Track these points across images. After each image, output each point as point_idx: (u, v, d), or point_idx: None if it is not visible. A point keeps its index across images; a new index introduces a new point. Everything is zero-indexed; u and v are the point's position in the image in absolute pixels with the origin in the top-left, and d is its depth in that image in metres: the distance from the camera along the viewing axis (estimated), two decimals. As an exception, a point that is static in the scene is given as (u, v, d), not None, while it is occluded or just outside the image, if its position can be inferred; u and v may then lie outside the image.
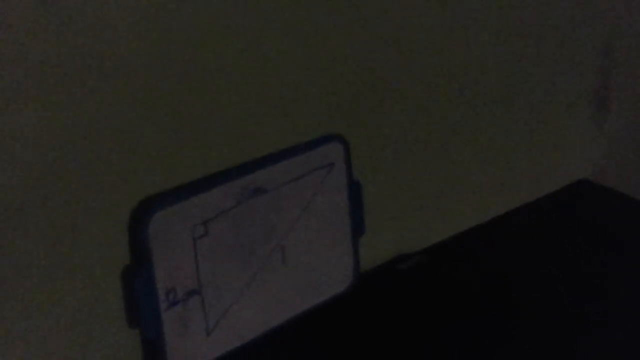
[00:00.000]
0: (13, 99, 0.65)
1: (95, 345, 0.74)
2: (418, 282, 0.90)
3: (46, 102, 0.66)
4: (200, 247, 0.75)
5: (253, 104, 0.78)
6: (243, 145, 0.78)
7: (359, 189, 0.86)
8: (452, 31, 0.90)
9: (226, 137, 0.77)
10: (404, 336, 0.82)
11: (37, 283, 0.70)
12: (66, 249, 0.71)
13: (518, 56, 0.97)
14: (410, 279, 0.90)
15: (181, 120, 0.74)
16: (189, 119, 0.75)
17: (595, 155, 1.10)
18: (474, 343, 0.80)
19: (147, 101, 0.72)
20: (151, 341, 0.74)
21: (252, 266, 0.79)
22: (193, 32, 0.72)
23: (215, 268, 0.76)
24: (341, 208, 0.85)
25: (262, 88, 0.78)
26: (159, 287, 0.73)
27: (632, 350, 0.78)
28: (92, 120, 0.69)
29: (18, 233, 0.68)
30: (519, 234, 0.98)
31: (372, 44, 0.84)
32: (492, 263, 0.93)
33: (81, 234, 0.71)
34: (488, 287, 0.89)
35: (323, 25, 0.80)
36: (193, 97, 0.74)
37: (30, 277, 0.69)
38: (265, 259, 0.80)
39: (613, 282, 0.88)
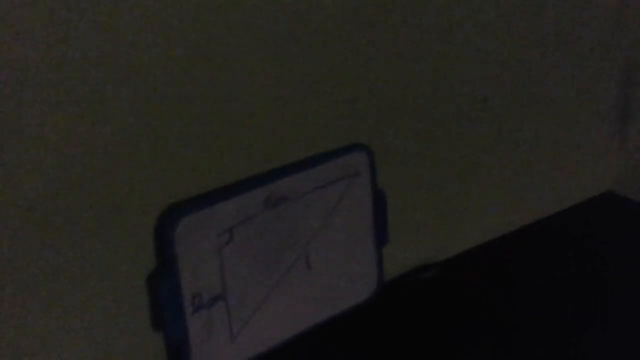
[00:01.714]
0: (44, 102, 0.66)
1: (121, 347, 0.75)
2: (439, 293, 0.90)
3: (76, 106, 0.67)
4: (226, 253, 0.76)
5: (280, 112, 0.79)
6: (269, 153, 0.79)
7: (384, 198, 0.86)
8: (476, 43, 0.90)
9: (252, 145, 0.78)
10: (424, 346, 0.82)
11: (64, 286, 0.71)
12: (94, 253, 0.71)
13: (542, 68, 0.97)
14: (432, 289, 0.90)
15: (208, 128, 0.75)
16: (216, 127, 0.75)
17: (619, 167, 1.10)
18: (493, 354, 0.80)
19: (176, 109, 0.72)
20: (176, 345, 0.75)
21: (276, 273, 0.80)
22: (222, 42, 0.73)
23: (240, 274, 0.77)
24: (365, 217, 0.85)
25: (289, 97, 0.79)
26: (184, 291, 0.73)
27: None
28: (122, 127, 0.70)
29: (47, 236, 0.69)
30: (543, 246, 0.98)
31: (398, 55, 0.85)
32: (514, 275, 0.93)
33: (109, 238, 0.72)
34: (509, 299, 0.88)
35: (350, 36, 0.81)
36: (221, 106, 0.75)
37: (57, 280, 0.70)
38: (289, 266, 0.81)
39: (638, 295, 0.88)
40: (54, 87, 0.66)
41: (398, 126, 0.87)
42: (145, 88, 0.70)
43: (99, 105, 0.68)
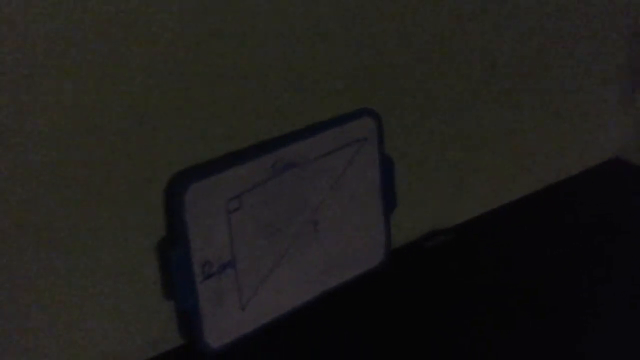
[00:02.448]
0: (57, 67, 0.65)
1: (132, 315, 0.75)
2: (447, 259, 0.90)
3: (86, 72, 0.67)
4: (234, 220, 0.75)
5: (287, 78, 0.78)
6: (277, 120, 0.79)
7: (391, 164, 0.86)
8: (484, 9, 0.90)
9: (261, 112, 0.78)
10: (432, 313, 0.82)
11: (75, 254, 0.71)
12: (104, 222, 0.71)
13: (550, 34, 0.97)
14: (439, 256, 0.90)
15: (217, 95, 0.74)
16: (225, 94, 0.75)
17: (626, 134, 1.10)
18: (500, 320, 0.80)
19: (185, 76, 0.72)
20: (187, 313, 0.75)
21: (284, 240, 0.80)
22: (230, 7, 0.73)
23: (248, 241, 0.77)
24: (373, 183, 0.85)
25: (296, 63, 0.78)
26: (194, 259, 0.73)
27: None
28: (132, 93, 0.70)
29: (57, 205, 0.69)
30: (551, 213, 0.98)
31: (407, 20, 0.84)
32: (522, 242, 0.92)
33: (119, 206, 0.72)
34: (517, 265, 0.88)
35: (358, 0, 0.80)
36: (228, 72, 0.74)
37: (68, 248, 0.70)
38: (297, 233, 0.81)
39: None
40: (66, 52, 0.65)
41: (406, 91, 0.87)
42: (155, 54, 0.70)
43: (109, 71, 0.68)
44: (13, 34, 0.63)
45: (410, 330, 0.80)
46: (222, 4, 0.72)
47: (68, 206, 0.69)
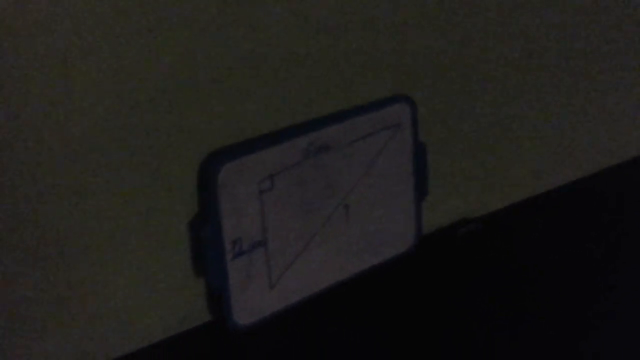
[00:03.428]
0: (90, 49, 0.66)
1: (162, 292, 0.76)
2: (477, 248, 0.90)
3: (123, 51, 0.68)
4: (266, 200, 0.76)
5: (323, 62, 0.79)
6: (312, 102, 0.79)
7: (424, 150, 0.86)
8: (523, -4, 0.89)
9: (296, 94, 0.78)
10: (459, 300, 0.82)
11: (108, 231, 0.72)
12: (137, 199, 0.72)
13: (583, 27, 0.96)
14: (470, 244, 0.90)
15: (254, 76, 0.75)
16: (262, 75, 0.75)
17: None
18: (528, 312, 0.80)
19: (222, 56, 0.73)
20: (216, 290, 0.76)
21: (315, 222, 0.80)
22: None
23: (279, 222, 0.78)
24: (405, 169, 0.85)
25: (333, 47, 0.79)
26: (225, 237, 0.74)
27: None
28: (168, 71, 0.70)
29: (91, 182, 0.70)
30: (580, 206, 0.97)
31: (445, 5, 0.84)
32: (551, 233, 0.92)
33: (152, 183, 0.73)
34: (546, 257, 0.88)
35: (394, -14, 0.80)
36: (266, 53, 0.75)
37: (101, 226, 0.71)
38: (328, 216, 0.81)
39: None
40: (102, 31, 0.66)
41: (442, 78, 0.87)
42: (192, 31, 0.70)
43: (144, 49, 0.69)
44: (48, 11, 0.64)
45: (436, 315, 0.80)
46: (262, -15, 0.72)
47: (103, 181, 0.70)
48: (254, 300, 0.78)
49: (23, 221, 0.67)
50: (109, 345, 0.74)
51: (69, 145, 0.68)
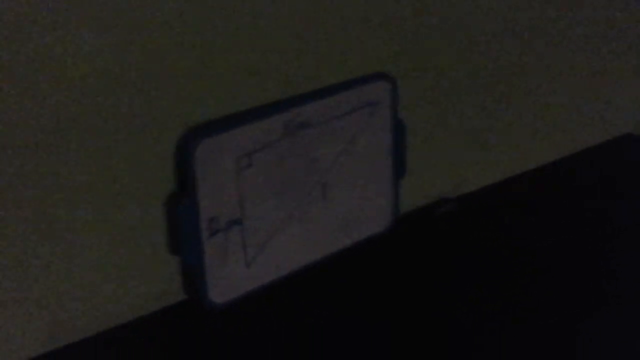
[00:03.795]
0: (66, 22, 0.65)
1: (137, 270, 0.75)
2: (454, 228, 0.90)
3: (98, 25, 0.66)
4: (244, 178, 0.75)
5: (302, 39, 0.78)
6: (291, 79, 0.78)
7: (403, 129, 0.86)
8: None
9: (275, 70, 0.77)
10: (435, 280, 0.82)
11: (83, 206, 0.71)
12: (113, 175, 0.71)
13: (570, 6, 0.96)
14: (447, 224, 0.90)
15: (232, 52, 0.74)
16: (239, 51, 0.74)
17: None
18: (505, 291, 0.80)
19: (200, 30, 0.71)
20: (192, 268, 0.75)
21: (292, 200, 0.80)
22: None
23: (257, 200, 0.77)
24: (384, 148, 0.85)
25: (312, 24, 0.78)
26: (202, 214, 0.73)
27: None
28: (145, 47, 0.69)
29: (65, 156, 0.68)
30: (561, 186, 0.97)
31: (424, -17, 0.83)
32: (530, 214, 0.92)
33: (128, 160, 0.71)
34: (524, 237, 0.88)
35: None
36: (244, 29, 0.74)
37: (76, 200, 0.70)
38: (306, 194, 0.80)
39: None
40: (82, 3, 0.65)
41: (421, 56, 0.86)
42: (170, 7, 0.69)
43: (123, 23, 0.67)
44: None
45: (413, 295, 0.80)
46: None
47: (77, 157, 0.69)
48: (230, 279, 0.77)
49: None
50: (82, 323, 0.73)
51: (45, 119, 0.66)
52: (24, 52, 0.64)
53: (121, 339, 0.74)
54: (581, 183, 0.98)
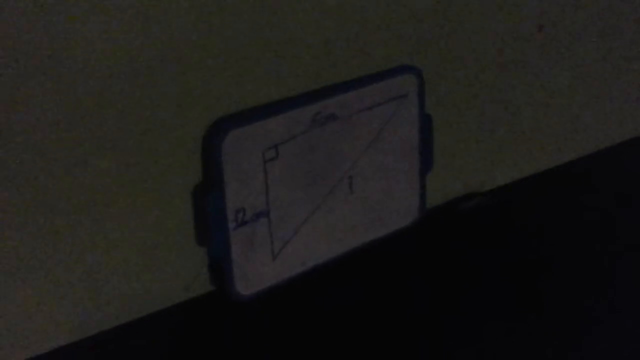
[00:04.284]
0: (92, 9, 0.65)
1: (164, 261, 0.75)
2: (481, 223, 0.89)
3: (127, 16, 0.67)
4: (271, 170, 0.75)
5: (330, 31, 0.78)
6: (318, 71, 0.78)
7: (430, 122, 0.85)
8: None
9: (302, 62, 0.77)
10: (461, 275, 0.81)
11: (110, 197, 0.71)
12: (140, 166, 0.71)
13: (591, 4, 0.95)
14: (473, 219, 0.90)
15: (261, 43, 0.74)
16: (268, 42, 0.74)
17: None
18: (528, 287, 0.79)
19: (229, 22, 0.71)
20: (218, 260, 0.75)
21: (319, 193, 0.80)
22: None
23: (283, 192, 0.77)
24: (411, 141, 0.84)
25: (340, 16, 0.77)
26: (228, 206, 0.73)
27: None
28: (174, 35, 0.69)
29: (93, 146, 0.69)
30: (595, 182, 0.96)
31: (453, -24, 0.83)
32: (558, 210, 0.92)
33: (155, 151, 0.71)
34: (548, 233, 0.87)
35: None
36: (272, 22, 0.74)
37: (104, 192, 0.70)
38: (332, 187, 0.80)
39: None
40: (106, -9, 0.65)
41: (450, 50, 0.86)
42: (198, -4, 0.69)
43: (149, 11, 0.67)
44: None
45: (438, 290, 0.79)
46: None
47: (105, 146, 0.69)
48: (256, 271, 0.77)
49: (26, 180, 0.66)
50: (108, 314, 0.74)
51: (73, 108, 0.66)
52: (49, 46, 0.64)
53: (147, 330, 0.75)
54: (615, 178, 0.97)
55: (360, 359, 0.73)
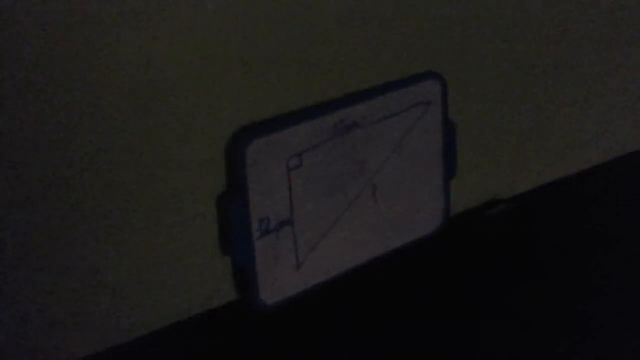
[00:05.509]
0: (120, 23, 0.65)
1: (189, 270, 0.75)
2: (506, 229, 0.88)
3: (152, 26, 0.67)
4: (294, 178, 0.75)
5: (353, 39, 0.77)
6: (341, 79, 0.78)
7: (454, 129, 0.85)
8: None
9: (325, 70, 0.77)
10: (487, 281, 0.81)
11: (134, 206, 0.71)
12: (165, 175, 0.71)
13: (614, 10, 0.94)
14: (498, 225, 0.89)
15: (282, 52, 0.74)
16: (290, 51, 0.74)
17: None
18: (553, 294, 0.79)
19: (252, 32, 0.71)
20: (243, 269, 0.75)
21: (343, 201, 0.79)
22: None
23: (307, 200, 0.76)
24: (434, 148, 0.84)
25: (362, 23, 0.77)
26: (252, 214, 0.73)
27: None
28: (199, 44, 0.69)
29: (117, 156, 0.69)
30: (617, 187, 0.95)
31: (475, -18, 0.82)
32: (581, 216, 0.91)
33: (180, 159, 0.72)
34: (575, 240, 0.87)
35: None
36: (296, 30, 0.74)
37: (128, 201, 0.70)
38: (356, 195, 0.80)
39: None
40: (130, 7, 0.65)
41: (472, 56, 0.85)
42: (224, 6, 0.69)
43: (172, 21, 0.67)
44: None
45: (463, 297, 0.79)
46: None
47: (130, 155, 0.69)
48: (280, 280, 0.77)
49: (49, 194, 0.66)
50: (134, 322, 0.74)
51: (96, 118, 0.67)
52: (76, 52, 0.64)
53: (172, 339, 0.75)
54: (629, 186, 0.96)
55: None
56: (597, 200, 0.93)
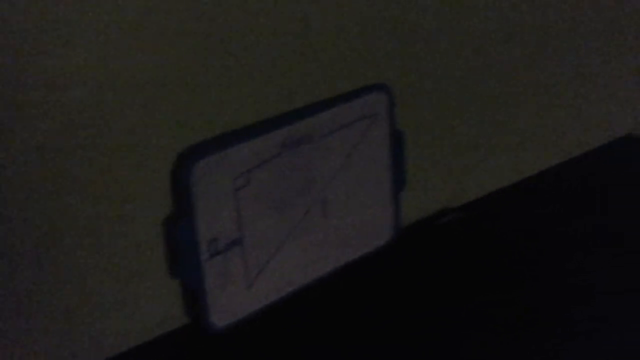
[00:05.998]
0: (68, 39, 0.63)
1: (137, 294, 0.73)
2: (457, 238, 0.88)
3: (97, 44, 0.65)
4: (242, 197, 0.74)
5: (297, 52, 0.76)
6: (286, 94, 0.77)
7: (402, 140, 0.84)
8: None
9: (270, 86, 0.76)
10: (440, 292, 0.80)
11: (80, 230, 0.69)
12: (109, 200, 0.70)
13: (564, 10, 0.94)
14: (450, 234, 0.89)
15: (225, 69, 0.72)
16: (236, 68, 0.73)
17: None
18: (509, 300, 0.79)
19: (195, 48, 0.70)
20: (192, 291, 0.73)
21: (293, 218, 0.78)
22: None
23: (256, 219, 0.75)
24: (383, 160, 0.83)
25: (307, 36, 0.76)
26: (200, 236, 0.72)
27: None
28: (139, 64, 0.67)
29: (63, 179, 0.67)
30: (563, 191, 0.96)
31: (418, -9, 0.82)
32: (533, 220, 0.91)
33: (124, 183, 0.70)
34: (528, 245, 0.87)
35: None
36: (238, 46, 0.72)
37: (74, 225, 0.68)
38: (305, 210, 0.79)
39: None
40: (78, 22, 0.63)
41: (419, 66, 0.85)
42: (164, 24, 0.67)
43: (116, 41, 0.66)
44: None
45: (419, 308, 0.78)
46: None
47: (75, 180, 0.67)
48: (231, 301, 0.75)
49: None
50: (80, 351, 0.72)
51: (43, 140, 0.65)
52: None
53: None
54: (586, 186, 0.97)
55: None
56: (548, 204, 0.94)
